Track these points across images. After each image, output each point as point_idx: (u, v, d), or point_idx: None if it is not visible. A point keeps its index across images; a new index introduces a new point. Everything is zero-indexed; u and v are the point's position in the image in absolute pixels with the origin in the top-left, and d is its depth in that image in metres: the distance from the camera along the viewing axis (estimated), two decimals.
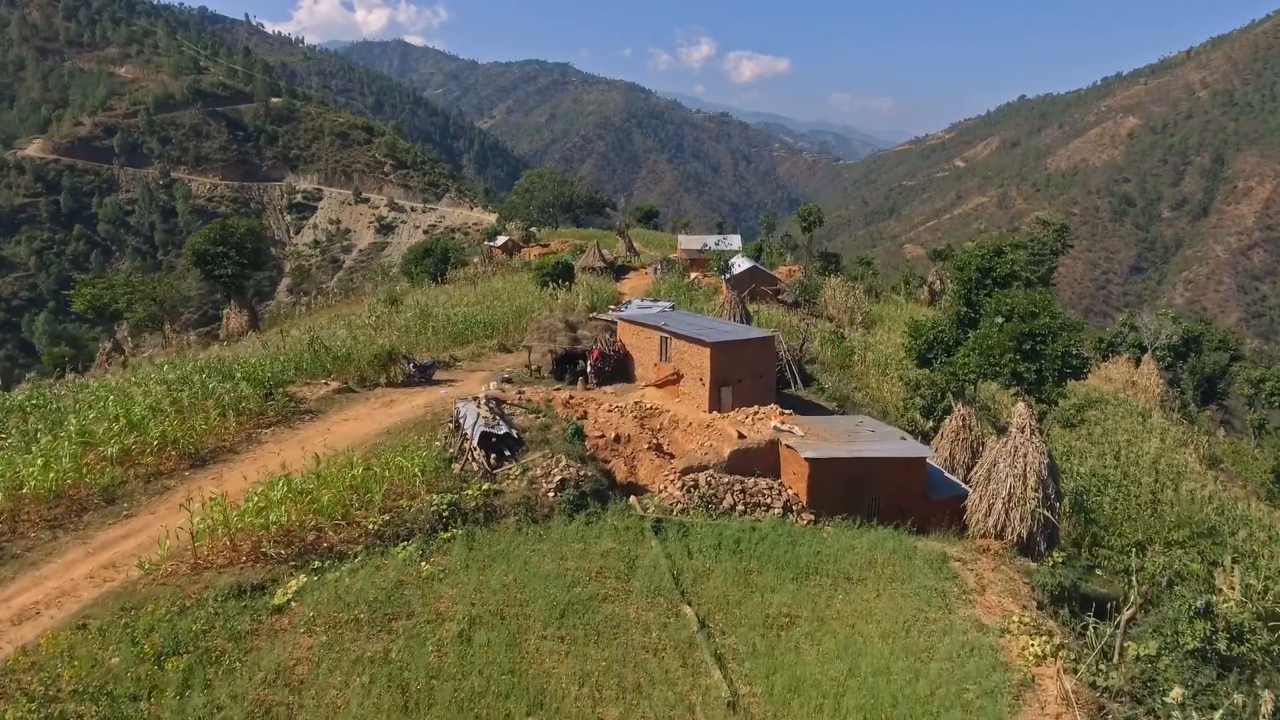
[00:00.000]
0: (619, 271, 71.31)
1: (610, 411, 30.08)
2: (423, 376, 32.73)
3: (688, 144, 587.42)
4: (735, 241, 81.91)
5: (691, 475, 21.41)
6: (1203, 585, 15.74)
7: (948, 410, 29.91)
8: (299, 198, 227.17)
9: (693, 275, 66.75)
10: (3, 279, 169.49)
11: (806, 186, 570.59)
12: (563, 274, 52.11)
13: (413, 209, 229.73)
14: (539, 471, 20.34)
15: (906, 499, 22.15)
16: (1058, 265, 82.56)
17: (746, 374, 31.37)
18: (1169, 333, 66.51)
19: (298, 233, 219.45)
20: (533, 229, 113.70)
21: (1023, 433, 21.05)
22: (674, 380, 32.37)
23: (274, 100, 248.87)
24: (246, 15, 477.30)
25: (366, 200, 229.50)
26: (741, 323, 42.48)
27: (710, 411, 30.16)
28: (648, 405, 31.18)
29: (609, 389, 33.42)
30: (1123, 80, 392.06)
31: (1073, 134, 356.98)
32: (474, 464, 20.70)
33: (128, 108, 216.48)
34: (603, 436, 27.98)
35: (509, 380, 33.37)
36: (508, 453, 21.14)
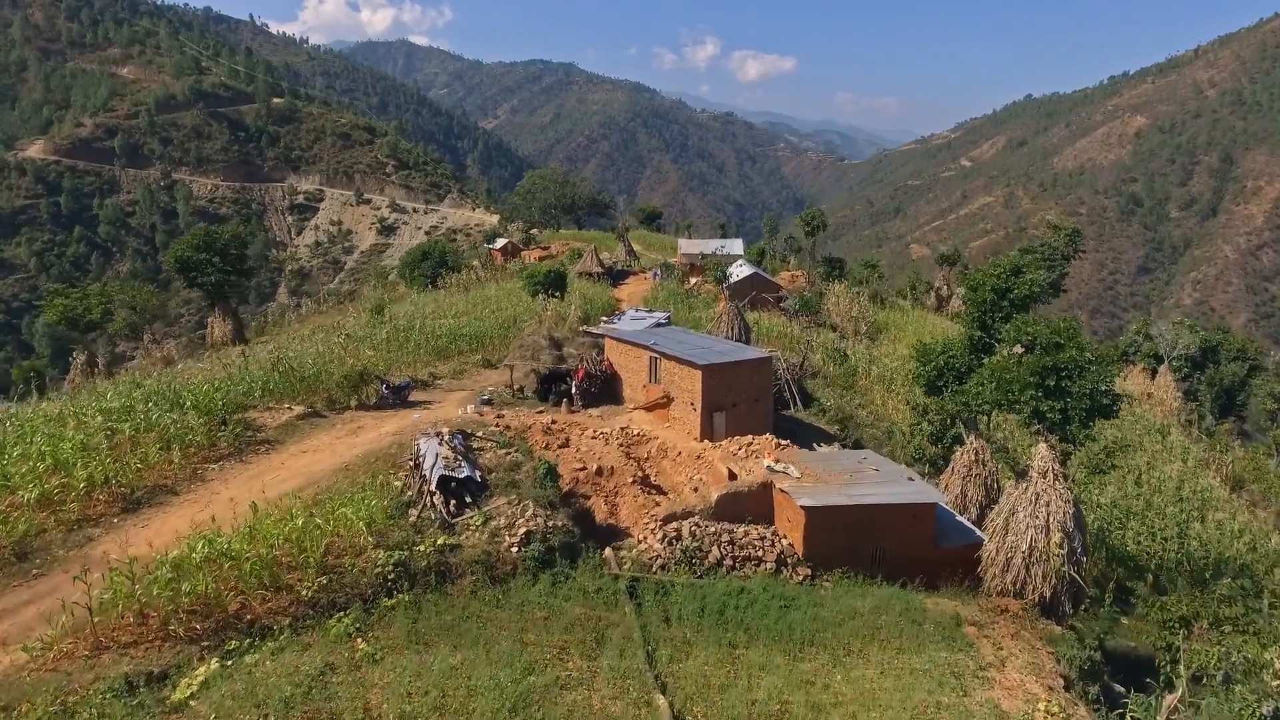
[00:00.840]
0: (617, 276, 69.05)
1: (595, 438, 27.98)
2: (397, 398, 30.68)
3: (692, 144, 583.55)
4: (737, 246, 79.50)
5: (674, 525, 19.18)
6: (1255, 667, 13.53)
7: (958, 438, 27.66)
8: (300, 199, 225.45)
9: (692, 281, 64.59)
10: (3, 280, 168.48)
11: (812, 186, 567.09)
12: (554, 283, 49.80)
13: (415, 210, 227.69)
14: (502, 521, 18.19)
15: (915, 549, 19.91)
16: (1069, 271, 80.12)
17: (741, 398, 29.23)
18: (1186, 342, 63.97)
19: (299, 234, 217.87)
20: (533, 231, 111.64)
21: (1044, 478, 18.75)
22: (664, 404, 30.25)
23: (276, 101, 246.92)
24: (251, 15, 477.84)
25: (368, 201, 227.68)
26: (740, 336, 40.21)
27: (701, 439, 28.05)
28: (635, 431, 29.08)
29: (595, 412, 31.35)
30: (1130, 79, 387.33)
31: (1079, 133, 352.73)
32: (431, 511, 18.58)
33: (129, 109, 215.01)
34: (584, 469, 25.85)
35: (489, 402, 31.31)
36: (469, 498, 19.00)
